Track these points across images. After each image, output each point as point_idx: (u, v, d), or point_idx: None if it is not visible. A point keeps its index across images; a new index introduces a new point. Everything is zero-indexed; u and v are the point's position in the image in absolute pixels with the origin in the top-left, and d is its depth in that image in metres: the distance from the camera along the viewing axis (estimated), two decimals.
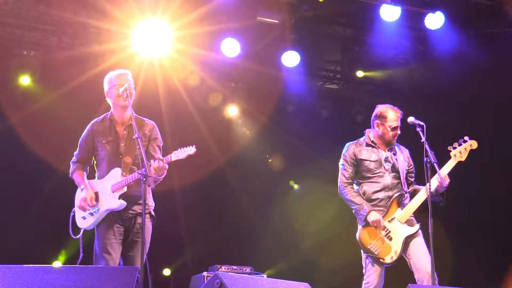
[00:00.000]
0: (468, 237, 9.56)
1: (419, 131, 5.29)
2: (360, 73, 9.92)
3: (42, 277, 3.83)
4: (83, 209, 4.98)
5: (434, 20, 8.42)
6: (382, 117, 5.61)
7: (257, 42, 9.18)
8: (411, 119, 5.43)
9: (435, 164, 5.09)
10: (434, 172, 5.21)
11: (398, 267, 5.48)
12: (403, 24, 8.65)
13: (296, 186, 11.30)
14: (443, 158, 5.41)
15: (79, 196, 5.07)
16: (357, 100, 10.35)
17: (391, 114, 5.60)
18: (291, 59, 9.09)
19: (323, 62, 10.41)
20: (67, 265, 4.98)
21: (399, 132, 5.59)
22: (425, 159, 5.20)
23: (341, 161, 5.67)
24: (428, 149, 5.16)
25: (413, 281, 5.20)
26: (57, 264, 8.72)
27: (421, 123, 5.31)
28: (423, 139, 5.23)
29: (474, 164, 5.74)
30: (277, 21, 8.49)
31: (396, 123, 5.58)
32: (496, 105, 9.33)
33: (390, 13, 8.21)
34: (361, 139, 5.72)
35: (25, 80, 8.65)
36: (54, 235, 5.04)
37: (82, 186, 5.05)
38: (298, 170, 10.83)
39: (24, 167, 8.75)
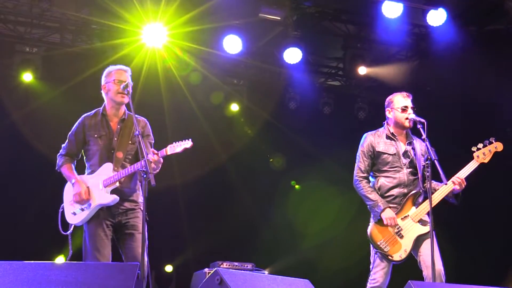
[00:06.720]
0: (473, 236, 9.54)
1: (420, 128, 5.25)
2: (362, 70, 9.89)
3: (43, 273, 3.84)
4: (80, 203, 4.91)
5: (436, 17, 8.41)
6: (390, 103, 5.55)
7: (259, 38, 9.20)
8: (412, 116, 5.41)
9: (435, 161, 5.03)
10: (434, 168, 5.19)
11: (400, 264, 5.47)
12: (405, 20, 8.66)
13: (297, 187, 11.28)
14: (444, 155, 5.39)
15: (70, 191, 5.02)
16: (359, 96, 10.36)
17: (398, 96, 5.53)
18: (293, 55, 9.06)
19: (325, 59, 10.41)
20: (68, 262, 4.96)
21: (411, 113, 5.42)
22: (425, 156, 5.20)
23: (358, 152, 5.56)
24: (429, 146, 5.14)
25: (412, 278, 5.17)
26: (60, 260, 8.74)
27: (422, 120, 5.25)
28: (424, 136, 5.20)
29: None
30: (279, 18, 8.50)
31: (405, 101, 5.46)
32: (497, 102, 9.30)
33: (392, 10, 8.21)
34: (381, 129, 5.61)
35: (27, 77, 8.66)
36: (56, 232, 5.06)
37: (73, 180, 4.98)
38: (300, 169, 10.85)
39: (27, 163, 8.78)
